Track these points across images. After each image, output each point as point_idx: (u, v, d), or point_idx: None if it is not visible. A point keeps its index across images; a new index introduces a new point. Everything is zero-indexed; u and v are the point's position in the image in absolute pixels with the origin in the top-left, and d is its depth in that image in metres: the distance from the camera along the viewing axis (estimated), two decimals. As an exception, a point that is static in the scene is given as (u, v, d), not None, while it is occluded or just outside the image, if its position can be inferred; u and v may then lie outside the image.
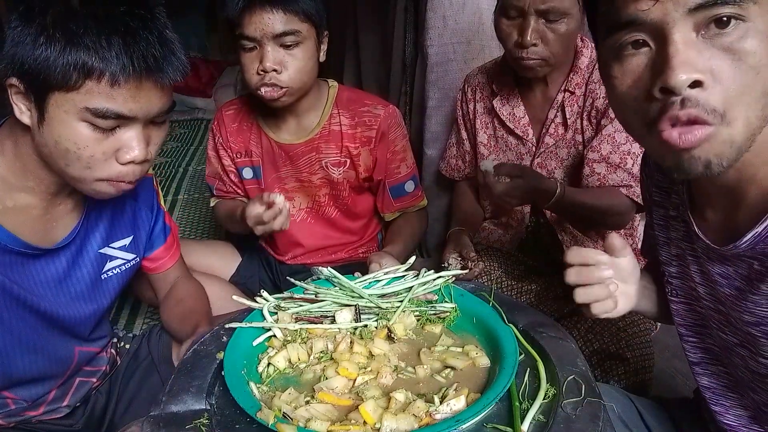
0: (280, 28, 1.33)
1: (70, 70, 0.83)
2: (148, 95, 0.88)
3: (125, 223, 1.17)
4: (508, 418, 0.78)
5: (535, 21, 1.34)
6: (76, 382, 1.18)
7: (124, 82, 0.84)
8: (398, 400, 0.81)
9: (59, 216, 1.04)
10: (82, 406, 1.21)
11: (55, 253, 1.04)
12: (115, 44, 0.83)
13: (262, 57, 1.35)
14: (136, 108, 0.88)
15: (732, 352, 0.82)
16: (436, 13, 2.08)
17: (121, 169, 0.92)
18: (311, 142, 1.54)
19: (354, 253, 1.72)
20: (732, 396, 0.86)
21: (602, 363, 1.36)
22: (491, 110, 1.64)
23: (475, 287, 1.08)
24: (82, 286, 1.10)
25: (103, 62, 0.83)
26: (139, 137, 0.91)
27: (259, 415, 0.76)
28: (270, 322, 0.98)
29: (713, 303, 0.83)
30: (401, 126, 1.60)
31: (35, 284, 1.02)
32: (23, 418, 1.12)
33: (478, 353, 0.92)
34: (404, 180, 1.62)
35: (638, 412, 1.03)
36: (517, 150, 1.61)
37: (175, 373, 0.90)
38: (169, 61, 0.88)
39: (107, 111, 0.86)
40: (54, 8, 0.83)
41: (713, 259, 0.79)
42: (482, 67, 1.71)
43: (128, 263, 1.19)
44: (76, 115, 0.86)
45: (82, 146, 0.88)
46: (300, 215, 1.64)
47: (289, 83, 1.38)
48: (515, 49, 1.40)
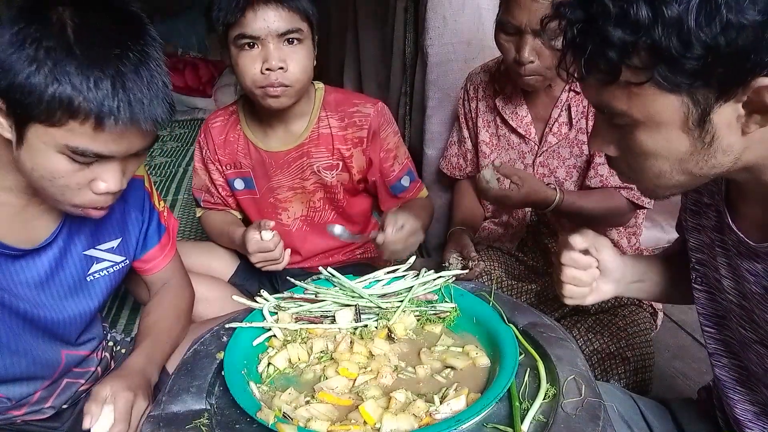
0: (284, 25, 1.32)
1: (54, 106, 0.81)
2: (130, 138, 0.87)
3: (112, 225, 1.15)
4: (508, 418, 0.77)
5: (532, 39, 1.35)
6: (63, 384, 1.17)
7: (108, 126, 0.82)
8: (398, 400, 0.81)
9: (39, 215, 1.02)
10: (69, 408, 1.20)
11: (36, 254, 1.02)
12: (104, 88, 0.81)
13: (267, 56, 1.33)
14: (116, 150, 0.87)
15: (749, 348, 0.82)
16: (436, 13, 2.08)
17: (93, 198, 0.92)
18: (300, 147, 1.52)
19: (351, 255, 1.71)
20: (741, 390, 0.87)
21: (602, 362, 1.36)
22: (494, 109, 1.64)
23: (475, 287, 1.08)
24: (66, 288, 1.08)
25: (89, 105, 0.81)
26: (115, 170, 0.90)
27: (259, 415, 0.76)
28: (270, 322, 0.98)
29: (737, 298, 0.83)
30: (392, 122, 1.58)
31: (14, 285, 1.00)
32: (6, 417, 1.11)
33: (478, 353, 0.92)
34: (400, 176, 1.61)
35: (640, 412, 1.03)
36: (519, 149, 1.61)
37: (175, 373, 0.90)
38: (156, 106, 0.86)
39: (87, 151, 0.85)
40: (48, 41, 0.80)
41: (743, 254, 0.79)
42: (485, 66, 1.71)
43: (116, 265, 1.17)
44: (55, 147, 0.84)
45: (57, 176, 0.87)
46: (295, 224, 1.63)
47: (293, 81, 1.36)
48: (514, 65, 1.42)
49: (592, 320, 1.45)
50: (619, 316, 1.44)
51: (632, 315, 1.45)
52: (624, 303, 1.48)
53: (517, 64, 1.39)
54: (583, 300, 0.97)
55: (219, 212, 1.67)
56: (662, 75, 0.65)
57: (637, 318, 1.44)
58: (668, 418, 1.02)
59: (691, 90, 0.66)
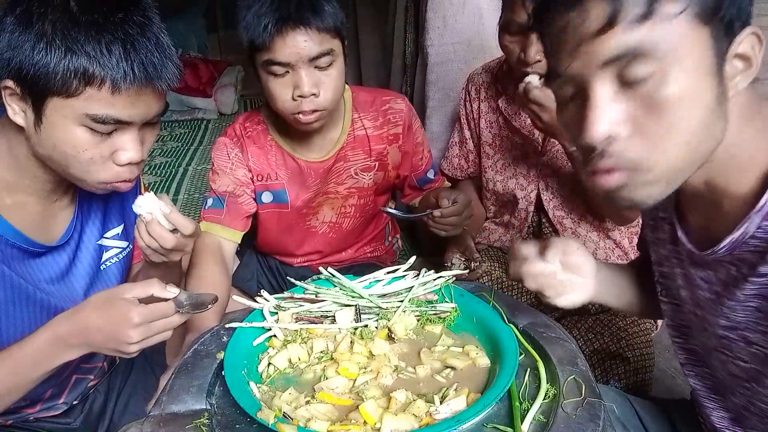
0: (315, 50, 1.24)
1: (70, 77, 0.83)
2: (146, 101, 0.90)
3: (116, 212, 1.18)
4: (508, 418, 0.78)
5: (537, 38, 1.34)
6: (72, 380, 1.17)
7: (124, 89, 0.85)
8: (398, 400, 0.81)
9: (56, 213, 1.05)
10: (80, 404, 1.21)
11: (56, 251, 1.05)
12: (116, 52, 0.83)
13: (298, 82, 1.26)
14: (135, 113, 0.89)
15: (711, 355, 0.82)
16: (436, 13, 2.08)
17: (119, 170, 0.94)
18: (339, 152, 1.48)
19: (361, 252, 1.71)
20: (715, 398, 0.87)
21: (603, 362, 1.37)
22: (496, 109, 1.64)
23: (476, 287, 1.08)
24: (86, 279, 1.10)
25: (104, 70, 0.83)
26: (135, 140, 0.93)
27: (260, 415, 0.76)
28: (270, 322, 0.98)
29: (693, 306, 0.83)
30: (417, 116, 1.60)
31: (40, 281, 1.02)
32: (20, 416, 1.12)
33: (478, 353, 0.92)
34: (427, 169, 1.64)
35: (636, 413, 1.03)
36: (522, 149, 1.60)
37: (175, 373, 0.90)
38: (167, 66, 0.89)
39: (107, 117, 0.87)
40: (53, 14, 0.82)
41: (695, 263, 0.79)
42: (486, 66, 1.71)
43: (123, 251, 1.19)
44: (75, 120, 0.87)
45: (81, 149, 0.89)
46: (323, 228, 1.60)
47: (325, 105, 1.30)
48: (519, 65, 1.40)
49: (592, 320, 1.45)
50: (619, 316, 1.44)
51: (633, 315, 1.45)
52: (624, 303, 1.48)
53: (523, 64, 1.39)
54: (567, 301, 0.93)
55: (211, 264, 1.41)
56: (701, 4, 0.60)
57: (638, 318, 1.44)
58: (664, 419, 1.02)
59: (720, 24, 0.61)
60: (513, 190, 1.61)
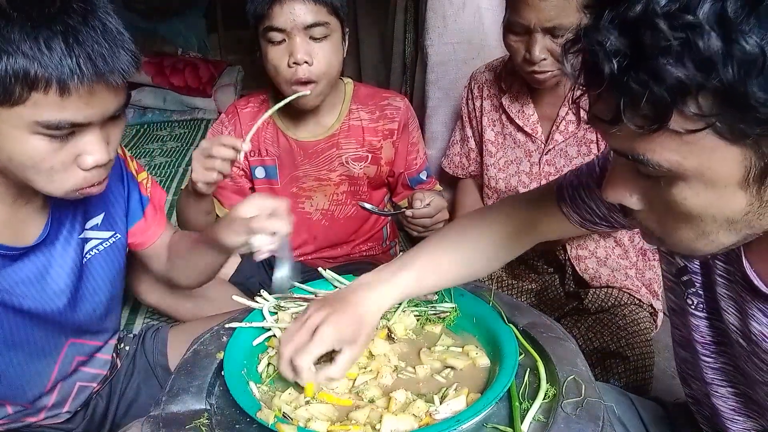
0: (310, 18, 1.33)
1: (10, 82, 0.73)
2: (102, 98, 0.80)
3: (94, 201, 1.08)
4: (508, 418, 0.78)
5: (542, 37, 1.34)
6: (76, 387, 1.16)
7: (74, 89, 0.75)
8: (398, 400, 0.81)
9: (29, 214, 0.98)
10: (82, 410, 1.21)
11: (32, 252, 0.99)
12: (57, 48, 0.73)
13: (292, 49, 1.35)
14: (91, 113, 0.80)
15: (754, 381, 0.77)
16: (436, 13, 2.08)
17: (86, 175, 0.86)
18: (331, 138, 1.55)
19: (357, 250, 1.73)
20: (739, 419, 0.83)
21: (602, 361, 1.37)
22: (499, 107, 1.64)
23: (475, 287, 1.08)
24: (71, 276, 1.05)
25: (47, 70, 0.73)
26: (98, 140, 0.84)
27: (259, 415, 0.76)
28: (270, 322, 0.98)
29: (741, 337, 0.76)
30: (416, 117, 1.65)
31: (14, 284, 0.98)
32: (24, 424, 1.11)
33: (478, 353, 0.92)
34: (420, 170, 1.67)
35: (637, 413, 1.03)
36: (525, 147, 1.60)
37: (175, 373, 0.89)
38: (118, 56, 0.79)
39: (60, 122, 0.78)
40: None
41: (759, 295, 0.70)
42: (489, 65, 1.71)
43: (106, 242, 1.12)
44: (26, 129, 0.78)
45: (38, 160, 0.81)
46: (316, 215, 1.65)
47: (319, 76, 1.38)
48: (524, 64, 1.41)
49: (592, 320, 1.45)
50: (619, 315, 1.44)
51: (632, 314, 1.45)
52: (624, 302, 1.48)
53: (529, 63, 1.39)
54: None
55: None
56: (727, 123, 0.51)
57: (637, 317, 1.44)
58: (665, 420, 1.02)
59: (759, 140, 0.52)
60: (515, 188, 1.61)
